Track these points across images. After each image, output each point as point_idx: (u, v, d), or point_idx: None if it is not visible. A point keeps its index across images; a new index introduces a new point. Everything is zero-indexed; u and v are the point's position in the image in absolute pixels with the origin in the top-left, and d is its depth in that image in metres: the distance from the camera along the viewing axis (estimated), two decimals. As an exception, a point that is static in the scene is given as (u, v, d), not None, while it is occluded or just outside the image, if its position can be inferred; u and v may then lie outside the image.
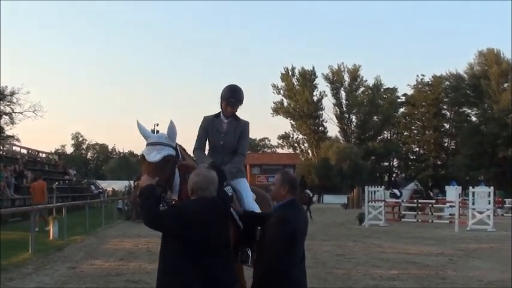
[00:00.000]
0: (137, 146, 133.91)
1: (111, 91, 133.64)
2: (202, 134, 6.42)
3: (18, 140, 62.40)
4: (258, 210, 6.03)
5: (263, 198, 6.81)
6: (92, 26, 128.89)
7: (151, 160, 5.00)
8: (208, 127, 6.38)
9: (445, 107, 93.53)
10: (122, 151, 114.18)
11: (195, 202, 4.58)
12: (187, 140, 6.01)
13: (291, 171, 6.26)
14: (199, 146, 6.37)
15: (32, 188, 24.89)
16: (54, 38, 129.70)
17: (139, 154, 5.33)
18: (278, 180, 5.04)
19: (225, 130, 6.33)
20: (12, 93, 57.22)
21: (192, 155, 6.04)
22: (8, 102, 58.00)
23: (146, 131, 5.29)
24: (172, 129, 5.21)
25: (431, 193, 46.99)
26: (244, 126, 6.42)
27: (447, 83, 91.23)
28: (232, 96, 6.29)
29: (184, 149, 5.67)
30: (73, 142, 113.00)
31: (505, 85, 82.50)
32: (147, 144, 5.14)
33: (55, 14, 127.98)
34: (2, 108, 58.69)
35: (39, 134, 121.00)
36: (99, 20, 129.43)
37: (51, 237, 18.75)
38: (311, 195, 34.42)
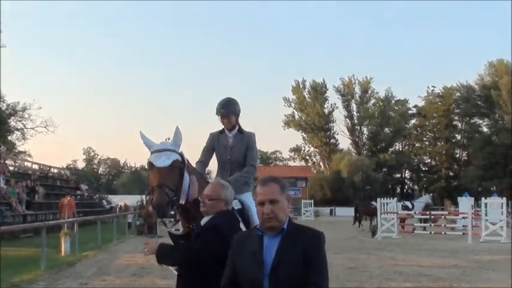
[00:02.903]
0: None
1: (122, 105, 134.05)
2: (207, 149, 6.47)
3: (29, 155, 62.78)
4: None
5: None
6: (104, 40, 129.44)
7: (161, 165, 5.01)
8: (215, 143, 6.41)
9: (456, 118, 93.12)
10: (133, 165, 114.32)
11: (229, 216, 4.60)
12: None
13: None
14: (202, 159, 6.43)
15: (61, 204, 27.18)
16: (64, 52, 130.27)
17: (146, 162, 5.28)
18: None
19: (230, 144, 6.32)
20: (24, 109, 57.53)
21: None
22: (20, 118, 58.32)
23: (149, 140, 5.28)
24: (177, 135, 5.26)
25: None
26: (249, 137, 6.38)
27: (458, 94, 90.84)
28: (223, 107, 6.30)
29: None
30: (84, 157, 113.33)
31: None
32: (153, 152, 5.14)
33: (66, 28, 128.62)
34: (14, 124, 59.03)
35: (51, 149, 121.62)
36: (111, 34, 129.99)
37: (62, 253, 18.72)
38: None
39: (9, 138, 59.37)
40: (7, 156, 43.15)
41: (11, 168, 36.00)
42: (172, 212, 5.26)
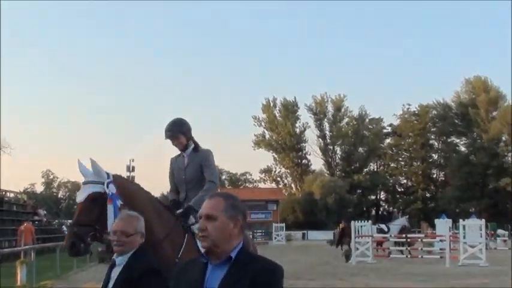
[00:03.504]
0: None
1: (83, 126, 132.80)
2: (170, 175, 6.60)
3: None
4: None
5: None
6: (64, 56, 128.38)
7: (78, 200, 5.14)
8: (174, 166, 6.54)
9: (432, 137, 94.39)
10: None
11: (150, 253, 4.44)
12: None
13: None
14: (171, 187, 6.56)
15: (20, 231, 27.35)
16: (18, 68, 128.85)
17: None
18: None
19: (185, 164, 6.40)
20: (-25, 130, 56.89)
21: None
22: (-29, 139, 57.54)
23: (85, 169, 5.33)
24: (93, 165, 5.27)
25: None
26: (204, 154, 6.45)
27: (434, 112, 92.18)
28: (169, 129, 6.41)
29: (123, 178, 5.75)
30: (43, 180, 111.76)
31: (494, 113, 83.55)
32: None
33: (19, 42, 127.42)
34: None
35: (7, 172, 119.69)
36: (71, 54, 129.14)
37: (18, 283, 18.35)
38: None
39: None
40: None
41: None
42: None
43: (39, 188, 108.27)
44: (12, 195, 47.16)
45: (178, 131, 6.40)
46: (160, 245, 5.38)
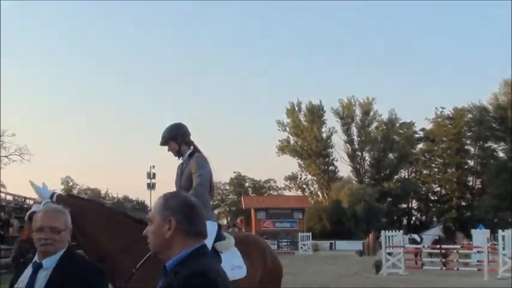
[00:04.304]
0: (132, 190, 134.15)
1: (103, 133, 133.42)
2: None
3: (3, 186, 62.44)
4: (237, 263, 6.17)
5: (248, 242, 6.70)
6: (83, 64, 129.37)
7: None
8: (177, 173, 6.76)
9: (468, 142, 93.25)
10: (115, 196, 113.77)
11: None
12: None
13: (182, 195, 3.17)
14: None
15: None
16: (38, 75, 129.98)
17: None
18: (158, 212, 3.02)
19: (181, 171, 6.58)
20: (-4, 136, 57.49)
21: None
22: (-8, 145, 58.26)
23: (38, 190, 6.01)
24: (35, 187, 5.99)
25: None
26: (193, 160, 6.50)
27: (470, 115, 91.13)
28: (161, 137, 6.66)
29: (67, 197, 6.37)
30: (63, 187, 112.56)
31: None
32: None
33: (40, 52, 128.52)
34: (-15, 152, 58.90)
35: (26, 179, 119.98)
36: (88, 60, 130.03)
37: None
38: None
39: (-20, 167, 59.22)
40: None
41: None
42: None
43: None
44: (31, 202, 47.55)
45: (169, 137, 6.56)
46: (111, 258, 5.72)
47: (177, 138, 6.52)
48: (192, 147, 6.60)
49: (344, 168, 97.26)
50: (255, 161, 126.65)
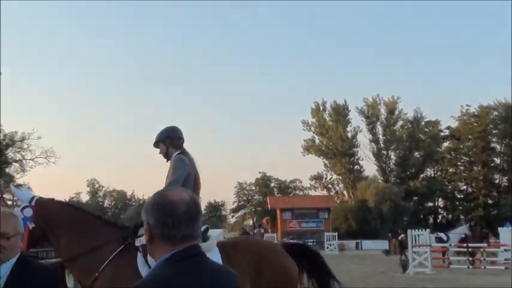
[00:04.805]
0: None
1: (129, 135, 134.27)
2: None
3: (29, 188, 62.99)
4: None
5: (237, 247, 6.47)
6: (106, 70, 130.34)
7: None
8: None
9: (494, 139, 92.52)
10: (141, 198, 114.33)
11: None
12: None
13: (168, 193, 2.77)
14: None
15: None
16: (65, 79, 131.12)
17: None
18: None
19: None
20: (23, 139, 58.19)
21: None
22: (19, 148, 58.87)
23: (17, 194, 6.18)
24: (16, 192, 6.20)
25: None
26: (170, 161, 6.58)
27: (495, 113, 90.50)
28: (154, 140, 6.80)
29: (45, 201, 6.25)
30: (89, 189, 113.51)
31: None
32: None
33: (68, 56, 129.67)
34: (12, 155, 59.54)
35: (52, 181, 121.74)
36: (114, 63, 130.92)
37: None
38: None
39: (7, 170, 59.92)
40: (5, 189, 43.39)
41: (9, 202, 36.14)
42: None
43: (85, 197, 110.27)
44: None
45: (158, 140, 6.69)
46: (81, 258, 5.85)
47: (165, 140, 6.62)
48: (179, 151, 6.64)
49: (369, 168, 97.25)
50: (281, 161, 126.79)
